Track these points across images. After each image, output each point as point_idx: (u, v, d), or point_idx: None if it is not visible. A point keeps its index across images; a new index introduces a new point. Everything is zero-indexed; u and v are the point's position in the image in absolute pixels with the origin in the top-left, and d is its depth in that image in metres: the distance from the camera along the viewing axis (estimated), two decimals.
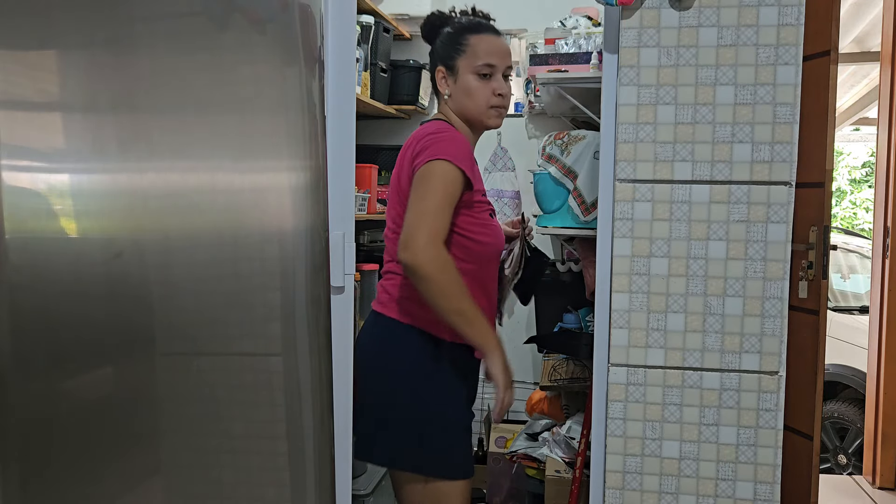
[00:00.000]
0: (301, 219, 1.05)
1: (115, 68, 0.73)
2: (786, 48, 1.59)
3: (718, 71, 1.61)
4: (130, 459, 0.76)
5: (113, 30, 0.73)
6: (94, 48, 0.71)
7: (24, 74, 0.63)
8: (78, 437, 0.69)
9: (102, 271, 0.71)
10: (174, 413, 0.82)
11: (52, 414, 0.65)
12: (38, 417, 0.64)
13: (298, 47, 1.04)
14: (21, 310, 0.62)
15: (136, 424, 0.76)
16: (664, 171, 1.64)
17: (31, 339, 0.63)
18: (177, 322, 0.82)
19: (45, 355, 0.64)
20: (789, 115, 1.59)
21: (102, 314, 0.71)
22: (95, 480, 0.71)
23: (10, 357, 0.60)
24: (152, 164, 0.78)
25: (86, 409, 0.70)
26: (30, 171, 0.63)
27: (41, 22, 0.64)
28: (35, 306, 0.63)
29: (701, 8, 1.60)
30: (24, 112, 0.63)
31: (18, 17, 0.62)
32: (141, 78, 0.76)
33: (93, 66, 0.71)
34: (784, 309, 1.61)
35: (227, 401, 0.92)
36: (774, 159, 1.60)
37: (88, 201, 0.70)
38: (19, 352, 0.61)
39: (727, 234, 1.62)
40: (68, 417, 0.67)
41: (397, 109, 3.10)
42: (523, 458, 2.56)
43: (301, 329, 1.06)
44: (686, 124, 1.63)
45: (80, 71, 0.69)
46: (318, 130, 1.08)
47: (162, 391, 0.80)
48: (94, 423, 0.71)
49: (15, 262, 0.60)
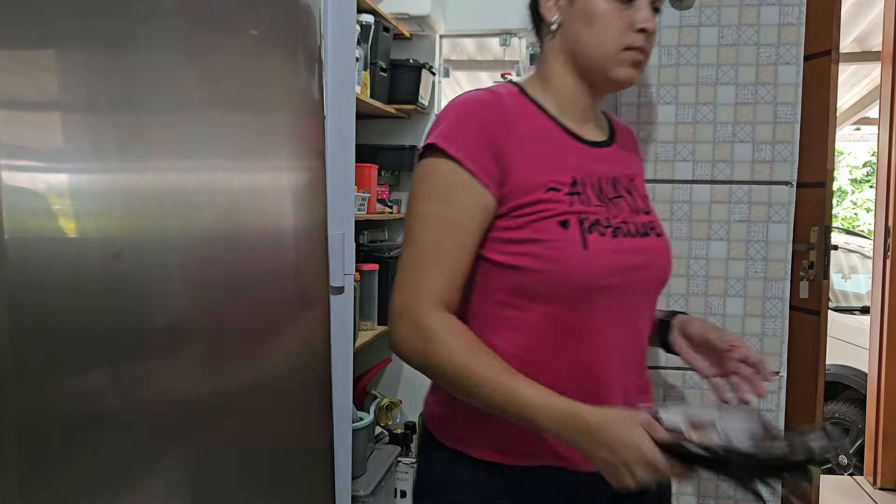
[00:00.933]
0: (301, 219, 1.05)
1: (114, 68, 0.73)
2: (787, 48, 1.58)
3: (719, 70, 1.61)
4: (130, 459, 0.76)
5: (113, 30, 0.73)
6: (93, 48, 0.70)
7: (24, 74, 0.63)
8: (77, 436, 0.68)
9: (101, 271, 0.71)
10: (174, 413, 0.82)
11: (50, 413, 0.65)
12: (37, 416, 0.64)
13: (298, 47, 1.04)
14: (20, 309, 0.61)
15: (135, 424, 0.76)
16: (665, 171, 1.64)
17: (31, 338, 0.63)
18: (176, 322, 0.82)
19: (44, 354, 0.64)
20: (790, 114, 1.59)
21: (101, 313, 0.71)
22: (95, 479, 0.71)
23: (9, 356, 0.60)
24: (151, 164, 0.78)
25: (85, 408, 0.69)
26: (29, 171, 0.63)
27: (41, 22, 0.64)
28: (34, 306, 0.63)
29: (702, 7, 1.60)
30: (24, 112, 0.63)
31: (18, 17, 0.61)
32: (140, 78, 0.76)
33: (92, 66, 0.70)
34: (785, 309, 1.61)
35: (227, 401, 0.92)
36: (775, 159, 1.60)
37: (88, 201, 0.70)
38: (18, 351, 0.61)
39: (728, 233, 1.62)
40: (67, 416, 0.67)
41: (397, 109, 3.10)
42: None
43: (300, 329, 1.06)
44: (687, 124, 1.62)
45: (80, 71, 0.69)
46: (318, 130, 1.08)
47: (161, 391, 0.80)
48: (93, 422, 0.70)
49: (14, 262, 0.60)
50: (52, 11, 0.65)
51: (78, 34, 0.69)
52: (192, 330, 0.85)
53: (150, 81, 0.77)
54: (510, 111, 0.96)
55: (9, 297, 0.60)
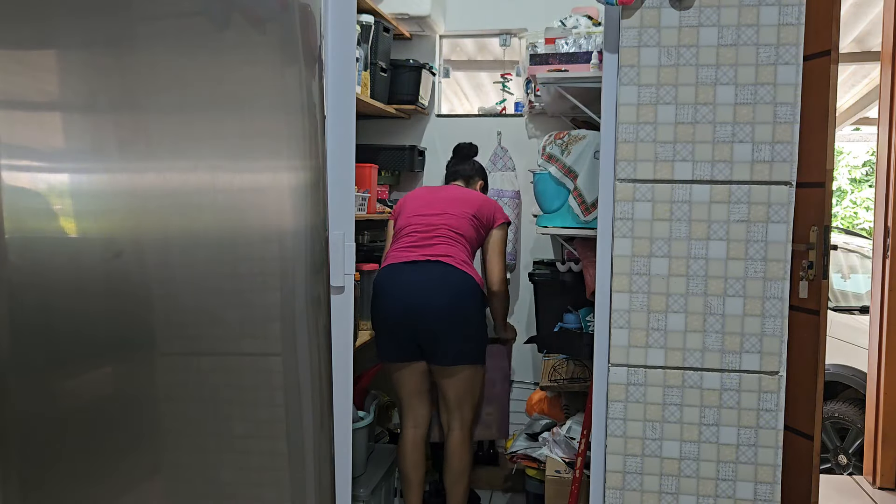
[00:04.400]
0: (301, 219, 1.05)
1: (115, 68, 0.73)
2: (786, 48, 1.59)
3: (719, 70, 1.61)
4: (130, 459, 0.76)
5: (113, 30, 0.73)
6: (94, 48, 0.71)
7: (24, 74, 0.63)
8: (78, 437, 0.68)
9: (102, 271, 0.71)
10: (174, 413, 0.82)
11: (51, 413, 0.65)
12: (38, 417, 0.64)
13: (298, 47, 1.04)
14: (21, 310, 0.61)
15: (135, 424, 0.76)
16: (664, 171, 1.64)
17: (31, 338, 0.63)
18: (177, 322, 0.82)
19: (45, 355, 0.64)
20: (790, 114, 1.59)
21: (102, 314, 0.71)
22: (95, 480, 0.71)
23: (9, 357, 0.60)
24: (152, 164, 0.78)
25: (85, 408, 0.69)
26: (30, 171, 0.63)
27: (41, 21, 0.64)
28: (35, 306, 0.63)
29: (701, 7, 1.60)
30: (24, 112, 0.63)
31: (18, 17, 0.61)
32: (141, 78, 0.76)
33: (93, 65, 0.70)
34: (784, 309, 1.61)
35: (227, 401, 0.92)
36: (775, 159, 1.60)
37: (88, 201, 0.70)
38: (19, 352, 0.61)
39: (727, 233, 1.62)
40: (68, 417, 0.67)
41: (397, 109, 3.10)
42: (523, 459, 2.56)
43: (301, 329, 1.06)
44: (686, 124, 1.63)
45: (80, 71, 0.69)
46: (318, 130, 1.08)
47: (162, 391, 0.80)
48: (93, 422, 0.70)
49: (15, 262, 0.60)
50: (52, 11, 0.65)
51: (78, 34, 0.69)
52: (192, 330, 0.85)
53: (150, 81, 0.77)
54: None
55: (9, 297, 0.60)
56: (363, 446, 2.51)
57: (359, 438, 2.44)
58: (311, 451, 1.09)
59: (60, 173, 0.67)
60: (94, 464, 0.71)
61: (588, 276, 2.45)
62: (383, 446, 2.84)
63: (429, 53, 3.31)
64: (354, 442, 2.00)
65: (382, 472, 2.58)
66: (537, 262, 3.03)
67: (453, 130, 3.31)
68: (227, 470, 0.93)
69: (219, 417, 0.90)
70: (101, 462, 0.71)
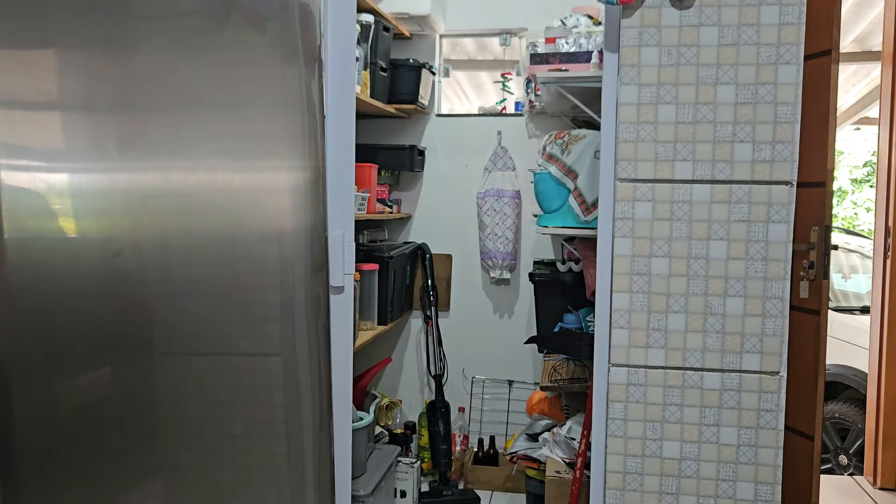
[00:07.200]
0: (300, 218, 1.05)
1: (114, 68, 0.73)
2: (787, 47, 1.58)
3: (719, 70, 1.61)
4: (130, 459, 0.76)
5: (113, 29, 0.73)
6: (93, 48, 0.70)
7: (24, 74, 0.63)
8: (77, 436, 0.68)
9: (101, 270, 0.71)
10: (174, 413, 0.82)
11: (51, 412, 0.65)
12: (38, 416, 0.64)
13: (298, 46, 1.04)
14: (20, 309, 0.61)
15: (135, 424, 0.76)
16: (665, 171, 1.64)
17: (31, 338, 0.63)
18: (176, 321, 0.82)
19: (44, 354, 0.64)
20: (790, 114, 1.59)
21: (102, 313, 0.71)
22: (95, 479, 0.71)
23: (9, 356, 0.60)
24: (151, 164, 0.78)
25: (85, 407, 0.69)
26: (29, 171, 0.63)
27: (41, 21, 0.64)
28: (34, 306, 0.63)
29: (702, 7, 1.60)
30: (24, 112, 0.63)
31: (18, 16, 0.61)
32: (140, 77, 0.76)
33: (92, 65, 0.70)
34: (785, 309, 1.61)
35: (227, 401, 0.92)
36: (775, 159, 1.60)
37: (87, 201, 0.70)
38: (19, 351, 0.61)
39: (728, 233, 1.62)
40: (68, 416, 0.67)
41: (397, 108, 3.10)
42: (523, 459, 2.56)
43: (301, 329, 1.06)
44: (687, 123, 1.62)
45: (80, 70, 0.69)
46: (318, 130, 1.08)
47: (161, 391, 0.80)
48: (93, 422, 0.70)
49: (14, 262, 0.60)
50: (51, 11, 0.65)
51: (78, 34, 0.68)
52: (191, 329, 0.85)
53: (150, 81, 0.77)
54: None
55: (9, 297, 0.60)
56: (363, 446, 2.51)
57: (359, 438, 2.43)
58: (311, 451, 1.08)
59: (59, 173, 0.67)
60: (94, 463, 0.71)
61: (588, 276, 2.45)
62: (383, 446, 2.84)
63: (429, 53, 3.31)
64: (354, 442, 2.00)
65: (382, 472, 2.58)
66: (537, 262, 3.02)
67: (453, 130, 3.31)
68: (226, 470, 0.93)
69: (219, 417, 0.90)
70: (100, 462, 0.71)
